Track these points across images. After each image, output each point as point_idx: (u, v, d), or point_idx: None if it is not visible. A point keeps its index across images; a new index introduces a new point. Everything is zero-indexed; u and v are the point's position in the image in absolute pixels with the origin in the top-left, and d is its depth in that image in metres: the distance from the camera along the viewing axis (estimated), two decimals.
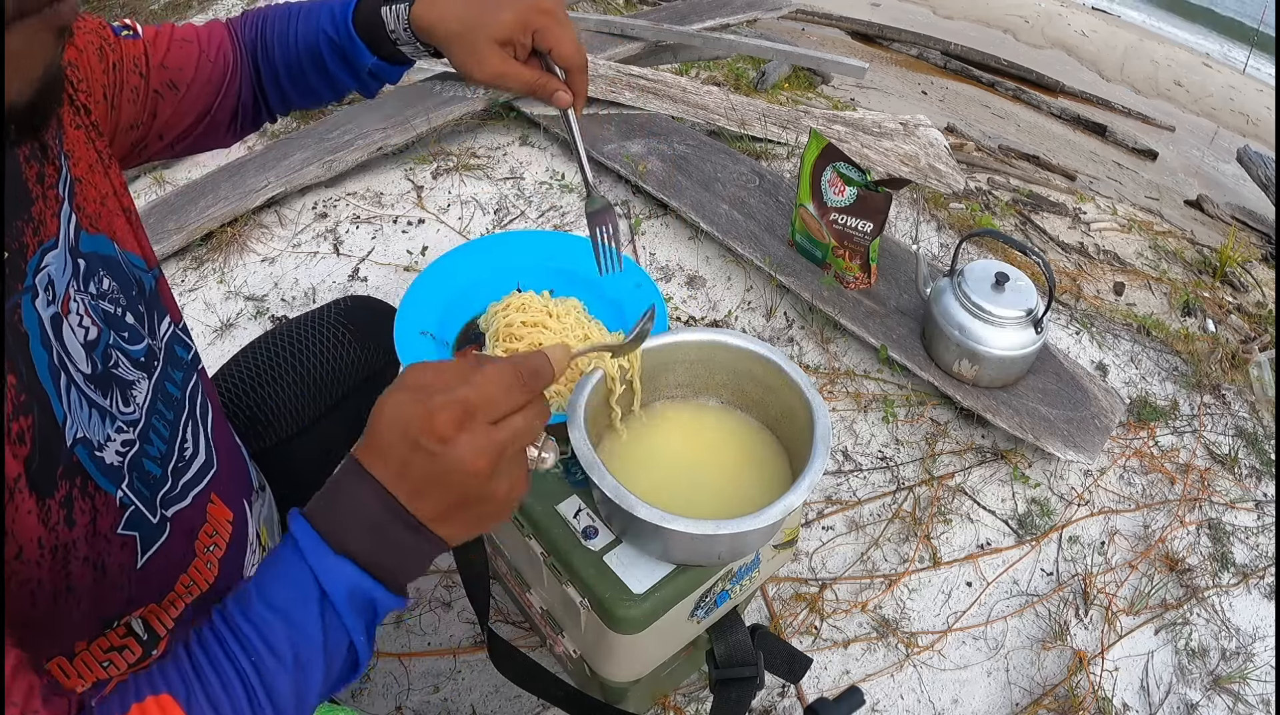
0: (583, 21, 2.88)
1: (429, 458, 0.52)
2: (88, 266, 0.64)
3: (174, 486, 0.70)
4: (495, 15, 0.73)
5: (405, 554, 0.53)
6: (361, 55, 0.81)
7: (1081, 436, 1.55)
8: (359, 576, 0.52)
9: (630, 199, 2.19)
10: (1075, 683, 1.33)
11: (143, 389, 0.68)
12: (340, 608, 0.51)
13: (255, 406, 1.03)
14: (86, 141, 0.69)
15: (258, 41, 0.85)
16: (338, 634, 0.52)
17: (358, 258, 2.05)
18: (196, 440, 0.76)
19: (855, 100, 3.22)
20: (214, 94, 0.83)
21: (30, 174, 0.60)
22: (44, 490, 0.54)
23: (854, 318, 1.73)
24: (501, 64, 0.75)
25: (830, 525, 1.53)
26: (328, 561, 0.51)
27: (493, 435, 0.53)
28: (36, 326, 0.56)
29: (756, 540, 0.86)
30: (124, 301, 0.68)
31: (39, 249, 0.58)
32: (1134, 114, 4.61)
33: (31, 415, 0.54)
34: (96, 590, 0.60)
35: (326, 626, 0.51)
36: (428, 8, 0.76)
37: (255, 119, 0.90)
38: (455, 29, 0.75)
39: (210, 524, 0.75)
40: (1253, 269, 2.29)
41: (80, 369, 0.60)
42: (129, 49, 0.76)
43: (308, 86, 0.86)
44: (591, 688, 1.06)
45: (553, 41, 0.75)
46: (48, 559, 0.55)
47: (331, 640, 0.52)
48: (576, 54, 0.76)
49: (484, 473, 0.53)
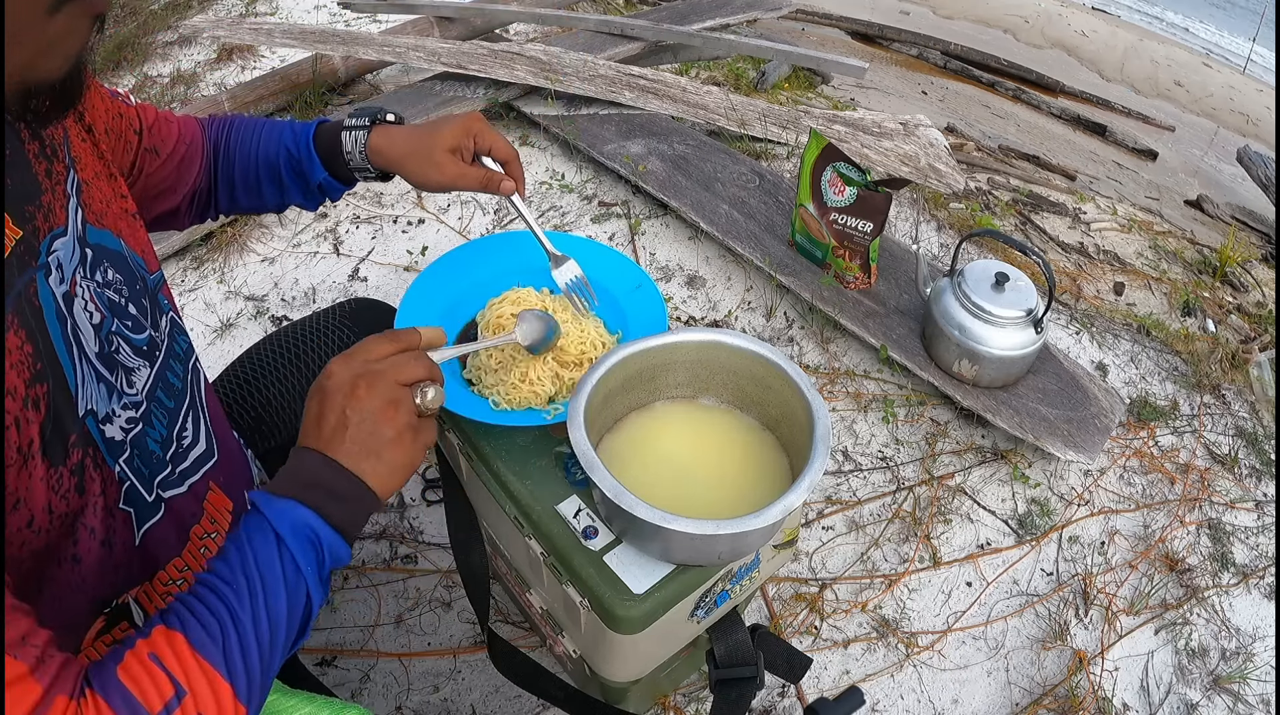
0: (582, 21, 2.88)
1: (323, 396, 0.65)
2: (94, 256, 0.67)
3: (172, 472, 0.73)
4: (441, 132, 0.91)
5: (334, 495, 0.63)
6: (315, 171, 0.94)
7: (1081, 436, 1.55)
8: (301, 511, 0.61)
9: (630, 199, 2.19)
10: (1075, 683, 1.33)
11: (144, 376, 0.70)
12: (289, 541, 0.60)
13: (260, 407, 1.04)
14: (94, 154, 0.72)
15: (221, 145, 0.95)
16: (289, 564, 0.60)
17: (358, 258, 2.05)
18: (196, 429, 0.78)
19: (855, 100, 3.22)
20: (184, 173, 0.91)
21: (39, 169, 0.62)
22: (56, 458, 0.57)
23: (854, 318, 1.73)
24: (455, 168, 0.92)
25: (830, 525, 1.53)
26: (275, 505, 0.61)
27: (367, 364, 0.67)
28: (50, 300, 0.59)
29: (756, 540, 0.86)
30: (127, 293, 0.70)
31: (49, 233, 0.61)
32: (1134, 114, 4.60)
33: (47, 383, 0.57)
34: (101, 565, 0.63)
35: (282, 558, 0.60)
36: (383, 137, 0.92)
37: (203, 212, 0.98)
38: (410, 149, 0.92)
39: (209, 513, 0.77)
40: (1253, 269, 2.29)
41: (90, 347, 0.63)
42: (125, 108, 0.82)
43: (258, 194, 0.97)
44: (591, 688, 1.06)
45: (489, 143, 0.93)
46: (56, 526, 0.58)
47: (288, 569, 0.60)
48: (509, 149, 0.94)
49: (363, 395, 0.64)
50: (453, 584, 1.41)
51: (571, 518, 0.88)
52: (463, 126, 0.91)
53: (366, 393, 0.65)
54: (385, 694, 1.28)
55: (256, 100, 2.51)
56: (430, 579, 1.42)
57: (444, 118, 0.94)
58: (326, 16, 3.31)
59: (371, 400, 0.65)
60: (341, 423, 0.64)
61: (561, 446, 0.93)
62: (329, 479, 0.63)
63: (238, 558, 0.59)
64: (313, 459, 0.63)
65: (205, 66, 2.96)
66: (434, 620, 1.37)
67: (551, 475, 0.91)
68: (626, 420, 0.95)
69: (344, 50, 2.53)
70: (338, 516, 0.62)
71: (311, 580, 0.61)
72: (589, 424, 0.82)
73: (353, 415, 0.64)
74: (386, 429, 0.65)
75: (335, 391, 0.65)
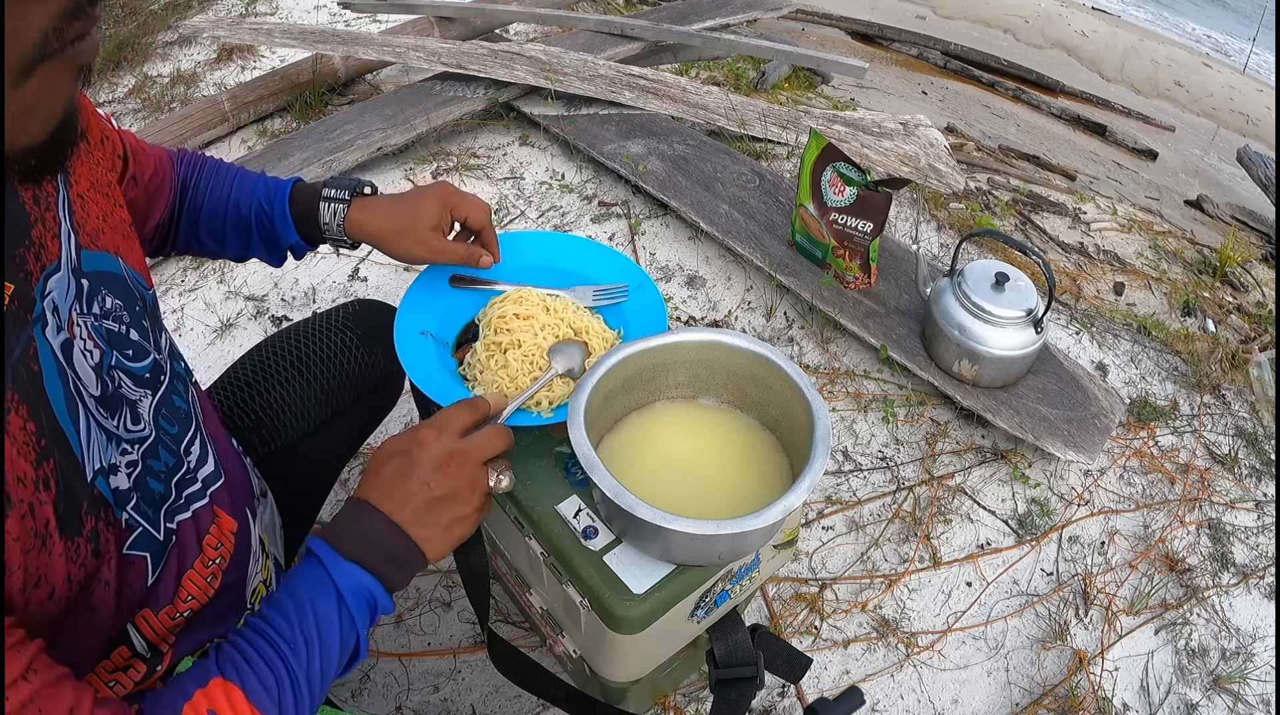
0: (582, 21, 2.88)
1: (409, 463, 0.68)
2: (90, 286, 0.64)
3: (178, 497, 0.71)
4: (423, 209, 0.93)
5: (394, 560, 0.66)
6: (288, 233, 0.94)
7: (1081, 436, 1.55)
8: (364, 576, 0.64)
9: (630, 199, 2.19)
10: (1075, 683, 1.33)
11: (147, 406, 0.68)
12: (350, 601, 0.63)
13: (261, 410, 1.03)
14: (88, 162, 0.70)
15: (190, 184, 0.94)
16: (348, 624, 0.64)
17: (358, 258, 2.05)
18: (204, 450, 0.76)
19: (855, 100, 3.21)
20: (153, 206, 0.90)
21: (27, 197, 0.59)
22: (71, 530, 0.55)
23: (854, 318, 1.73)
24: (440, 243, 0.94)
25: (830, 525, 1.53)
26: (341, 566, 0.64)
27: (457, 441, 0.71)
28: (50, 357, 0.57)
29: (756, 540, 0.86)
30: (127, 318, 0.68)
31: (42, 275, 0.58)
32: (1134, 114, 4.60)
33: (53, 458, 0.54)
34: (115, 609, 0.62)
35: (341, 617, 0.63)
36: (364, 214, 0.93)
37: (159, 248, 0.96)
38: (394, 227, 0.93)
39: (214, 536, 0.75)
40: (1253, 269, 2.29)
41: (91, 393, 0.61)
42: (110, 130, 0.81)
43: (221, 241, 0.97)
44: (591, 688, 1.06)
45: (464, 213, 0.96)
46: (75, 590, 0.57)
47: (344, 629, 0.63)
48: (481, 216, 0.97)
49: (452, 474, 0.68)
50: (453, 584, 1.41)
51: (571, 518, 0.88)
52: (441, 201, 0.94)
53: (456, 472, 0.69)
54: (385, 694, 1.28)
55: (256, 100, 2.51)
56: (430, 579, 1.42)
57: (418, 191, 0.95)
58: (326, 16, 3.31)
59: (458, 480, 0.69)
60: (422, 494, 0.67)
61: (561, 446, 0.93)
62: (392, 545, 0.66)
63: (296, 614, 0.61)
64: (380, 522, 0.66)
65: (205, 66, 2.96)
66: (434, 620, 1.37)
67: (551, 475, 0.91)
68: (626, 420, 0.95)
69: (344, 50, 2.53)
70: (392, 578, 0.66)
71: (363, 636, 0.65)
72: (589, 424, 0.82)
73: (437, 490, 0.68)
74: (462, 508, 0.69)
75: (425, 463, 0.68)
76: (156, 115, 2.65)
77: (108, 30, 3.23)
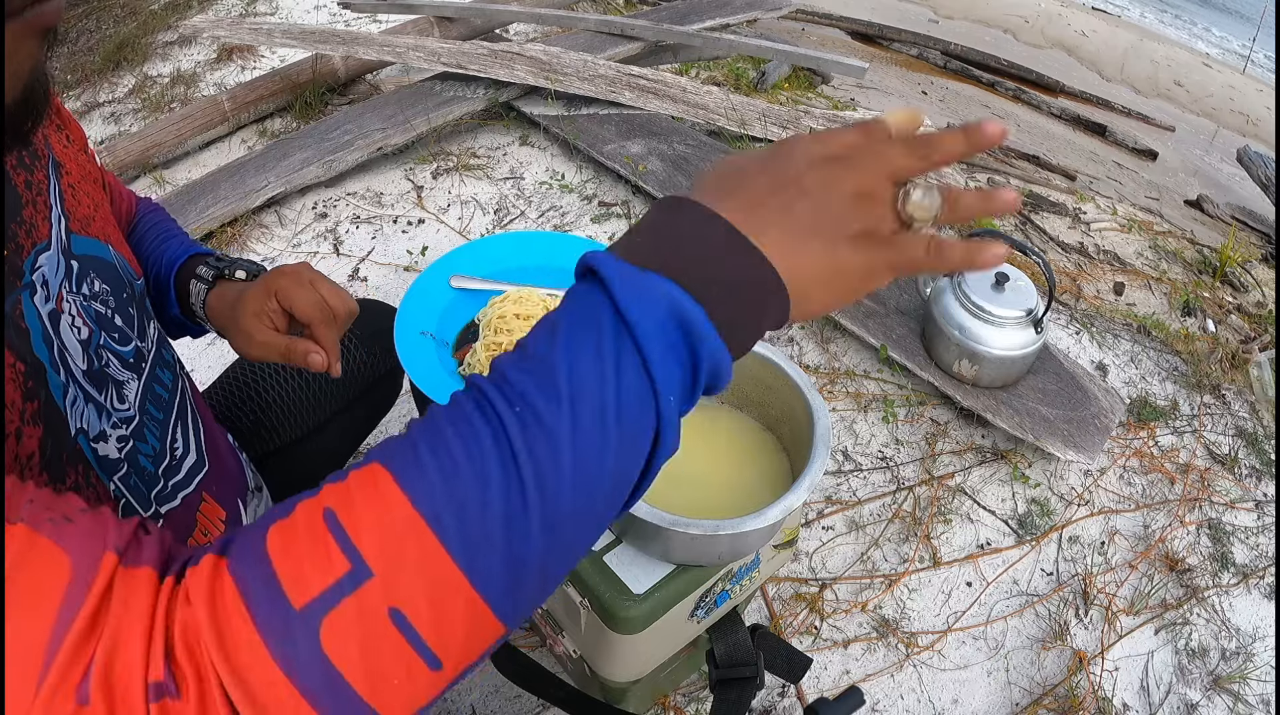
0: (582, 21, 2.88)
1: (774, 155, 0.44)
2: (80, 268, 0.65)
3: (165, 486, 0.71)
4: (246, 297, 0.78)
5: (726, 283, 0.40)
6: (170, 304, 0.85)
7: (1081, 436, 1.55)
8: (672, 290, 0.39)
9: (630, 199, 2.19)
10: (1075, 683, 1.33)
11: (133, 388, 0.69)
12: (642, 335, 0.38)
13: (260, 411, 1.03)
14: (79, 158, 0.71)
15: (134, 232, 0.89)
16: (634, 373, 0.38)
17: (358, 258, 2.05)
18: (187, 440, 0.76)
19: (855, 100, 3.21)
20: None
21: (19, 180, 0.60)
22: (54, 475, 0.55)
23: (854, 318, 1.73)
24: (261, 336, 0.77)
25: (830, 525, 1.53)
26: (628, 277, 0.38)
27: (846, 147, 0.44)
28: (37, 322, 0.57)
29: (756, 540, 0.86)
30: (114, 303, 0.68)
31: (33, 249, 0.59)
32: (1134, 114, 4.60)
33: (39, 400, 0.55)
34: None
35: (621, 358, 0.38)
36: (217, 298, 0.82)
37: None
38: (226, 319, 0.81)
39: (202, 525, 0.76)
40: (1253, 269, 2.29)
41: (78, 365, 0.61)
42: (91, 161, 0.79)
43: None
44: (591, 688, 1.06)
45: (289, 302, 0.77)
46: None
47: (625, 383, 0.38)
48: (312, 309, 0.78)
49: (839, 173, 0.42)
50: None
51: None
52: (263, 286, 0.78)
53: (844, 171, 0.43)
54: None
55: (256, 100, 2.51)
56: None
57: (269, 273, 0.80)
58: (326, 16, 3.31)
59: (846, 182, 0.42)
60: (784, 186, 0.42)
61: None
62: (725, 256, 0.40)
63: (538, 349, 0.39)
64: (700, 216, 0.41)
65: (205, 66, 2.96)
66: None
67: None
68: None
69: (344, 50, 2.53)
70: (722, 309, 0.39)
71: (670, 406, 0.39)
72: None
73: (811, 185, 0.42)
74: (850, 219, 0.42)
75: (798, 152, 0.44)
76: (156, 115, 2.65)
77: (108, 30, 3.23)
